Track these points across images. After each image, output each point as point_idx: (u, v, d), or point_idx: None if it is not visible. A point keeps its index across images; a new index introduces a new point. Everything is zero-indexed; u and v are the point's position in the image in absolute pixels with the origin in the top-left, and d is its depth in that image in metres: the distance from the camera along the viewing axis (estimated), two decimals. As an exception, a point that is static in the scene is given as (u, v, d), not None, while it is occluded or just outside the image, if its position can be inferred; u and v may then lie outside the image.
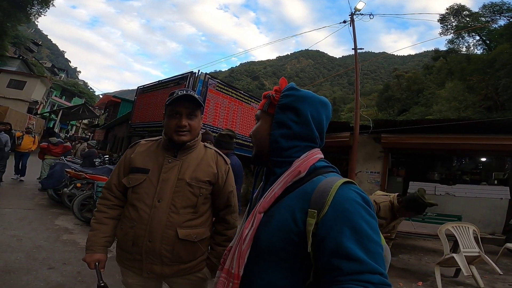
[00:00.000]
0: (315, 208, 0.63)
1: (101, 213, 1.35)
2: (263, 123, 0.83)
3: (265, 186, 0.84)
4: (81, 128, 32.46)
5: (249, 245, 0.70)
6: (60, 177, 5.87)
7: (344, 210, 0.61)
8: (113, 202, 1.37)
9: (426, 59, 50.60)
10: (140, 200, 1.26)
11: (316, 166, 0.75)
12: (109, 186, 1.39)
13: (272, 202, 0.72)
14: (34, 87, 21.23)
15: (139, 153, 1.36)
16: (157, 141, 1.41)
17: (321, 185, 0.67)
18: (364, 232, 0.59)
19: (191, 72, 7.53)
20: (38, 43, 42.61)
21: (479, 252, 3.47)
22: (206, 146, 1.44)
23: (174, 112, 1.28)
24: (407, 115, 23.95)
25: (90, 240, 1.31)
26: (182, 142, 1.28)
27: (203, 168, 1.33)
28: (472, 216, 6.04)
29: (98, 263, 1.28)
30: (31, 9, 20.42)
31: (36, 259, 3.09)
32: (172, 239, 1.23)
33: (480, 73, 19.09)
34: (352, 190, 0.65)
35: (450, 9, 23.39)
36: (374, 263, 0.56)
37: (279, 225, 0.67)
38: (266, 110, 0.83)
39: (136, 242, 1.23)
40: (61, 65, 73.15)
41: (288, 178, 0.72)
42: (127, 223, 1.28)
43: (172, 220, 1.24)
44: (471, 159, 9.19)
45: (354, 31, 9.31)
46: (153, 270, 1.25)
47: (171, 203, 1.25)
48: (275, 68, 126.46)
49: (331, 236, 0.59)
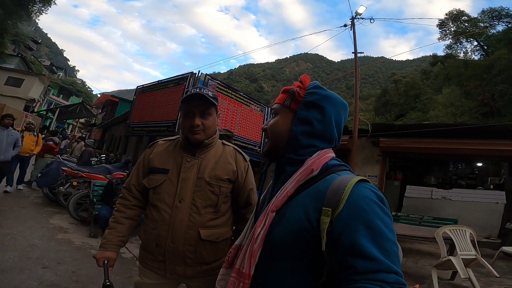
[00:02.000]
0: (329, 206, 0.62)
1: (119, 212, 1.36)
2: (283, 118, 0.80)
3: (275, 184, 0.83)
4: (78, 127, 32.26)
5: (261, 244, 0.69)
6: (56, 176, 5.83)
7: (359, 208, 0.60)
8: (132, 202, 1.38)
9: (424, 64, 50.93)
10: (161, 201, 1.26)
11: (328, 165, 0.74)
12: (128, 187, 1.40)
13: (285, 200, 0.71)
14: (31, 85, 21.20)
15: (158, 153, 1.35)
16: (174, 141, 1.40)
17: (335, 183, 0.66)
18: (380, 230, 0.58)
19: (191, 73, 7.53)
20: (38, 41, 42.45)
21: (475, 255, 3.49)
22: (224, 144, 1.43)
23: (187, 111, 1.28)
24: (404, 120, 24.07)
25: (105, 237, 1.32)
26: (197, 141, 1.28)
27: (222, 166, 1.32)
28: (468, 220, 6.05)
29: (107, 261, 1.27)
30: (33, 7, 20.35)
31: (30, 258, 3.05)
32: (194, 239, 1.23)
33: (477, 78, 19.22)
34: (367, 188, 0.65)
35: (450, 14, 23.54)
36: (389, 262, 0.56)
37: (292, 223, 0.67)
38: (288, 105, 0.80)
39: (159, 243, 1.23)
40: (60, 63, 72.91)
41: (300, 177, 0.71)
42: (150, 225, 1.28)
43: (194, 220, 1.24)
44: (467, 164, 9.26)
45: (354, 35, 9.36)
46: (176, 271, 1.25)
47: (192, 203, 1.25)
48: (274, 71, 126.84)
49: (346, 235, 0.59)
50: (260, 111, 9.21)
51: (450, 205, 6.97)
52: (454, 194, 7.09)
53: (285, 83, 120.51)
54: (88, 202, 4.76)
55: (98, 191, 4.63)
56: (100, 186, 4.71)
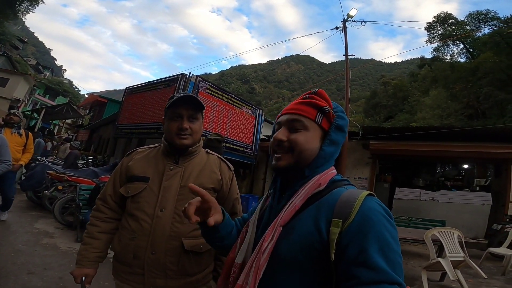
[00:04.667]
0: (339, 218, 0.64)
1: (94, 227, 1.27)
2: (314, 135, 0.78)
3: (279, 198, 0.81)
4: (64, 127, 31.48)
5: (267, 259, 0.69)
6: (41, 179, 5.64)
7: (369, 219, 0.63)
8: (107, 215, 1.29)
9: (412, 67, 52.05)
10: (140, 210, 1.19)
11: (334, 179, 0.77)
12: (103, 197, 1.31)
13: (293, 214, 0.72)
14: (16, 84, 20.63)
15: (137, 161, 1.29)
16: (155, 148, 1.34)
17: (344, 196, 0.69)
18: (387, 241, 0.60)
19: (182, 74, 7.44)
20: (24, 40, 41.34)
21: (464, 257, 3.54)
22: (208, 152, 1.39)
23: (175, 114, 1.22)
24: (393, 122, 24.53)
25: (80, 254, 1.24)
26: (183, 146, 1.23)
27: (207, 175, 1.27)
28: (455, 221, 6.18)
29: (84, 278, 1.22)
30: (20, 6, 19.87)
31: (15, 264, 2.95)
32: (177, 250, 1.17)
33: (463, 81, 19.74)
34: (375, 202, 0.68)
35: (438, 17, 24.07)
36: (393, 273, 0.57)
37: (301, 236, 0.67)
38: (320, 123, 0.79)
39: (137, 255, 1.16)
40: (47, 63, 71.19)
41: (309, 191, 0.74)
42: (127, 235, 1.20)
43: (177, 230, 1.18)
44: (454, 166, 9.48)
45: (346, 37, 9.48)
46: (156, 284, 1.17)
47: (175, 212, 1.19)
48: (265, 72, 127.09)
49: (355, 244, 0.60)
50: (252, 113, 9.19)
51: (438, 206, 7.11)
52: (441, 196, 7.24)
53: (276, 84, 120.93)
54: (74, 207, 4.63)
55: (85, 195, 4.50)
56: (87, 190, 4.58)
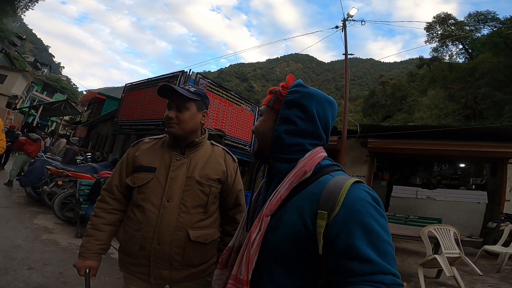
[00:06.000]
0: (325, 209, 0.62)
1: (98, 218, 1.26)
2: (267, 118, 0.82)
3: (268, 186, 0.83)
4: (62, 124, 31.31)
5: (257, 250, 0.69)
6: (40, 174, 5.65)
7: (355, 210, 0.60)
8: (112, 206, 1.28)
9: (411, 67, 52.02)
10: (147, 201, 1.19)
11: (321, 165, 0.74)
12: (109, 188, 1.30)
13: (279, 204, 0.70)
14: (14, 81, 20.53)
15: (144, 151, 1.29)
16: (161, 139, 1.35)
17: (330, 185, 0.66)
18: (376, 232, 0.59)
19: (182, 71, 7.44)
20: (22, 37, 40.99)
21: (459, 254, 3.59)
22: (213, 144, 1.41)
23: (168, 105, 1.27)
24: (391, 121, 24.52)
25: (83, 246, 1.23)
26: (171, 134, 1.25)
27: (212, 166, 1.29)
28: (451, 219, 6.24)
29: (89, 270, 1.21)
30: (19, 3, 19.71)
31: (14, 259, 2.96)
32: (182, 241, 1.18)
33: (461, 81, 19.75)
34: (362, 190, 0.65)
35: (437, 18, 24.01)
36: (385, 263, 0.56)
37: (288, 228, 0.66)
38: (272, 106, 0.81)
39: (143, 246, 1.16)
40: (45, 60, 70.45)
41: (294, 179, 0.71)
42: (133, 226, 1.20)
43: (183, 220, 1.19)
44: (450, 165, 9.54)
45: (345, 36, 9.49)
46: (162, 275, 1.18)
47: (181, 203, 1.20)
48: (264, 71, 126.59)
49: (342, 237, 0.59)
50: (251, 110, 9.21)
51: (435, 204, 7.18)
52: (438, 194, 7.31)
53: (275, 83, 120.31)
54: (74, 202, 4.64)
55: (85, 191, 4.52)
56: (87, 185, 4.60)
